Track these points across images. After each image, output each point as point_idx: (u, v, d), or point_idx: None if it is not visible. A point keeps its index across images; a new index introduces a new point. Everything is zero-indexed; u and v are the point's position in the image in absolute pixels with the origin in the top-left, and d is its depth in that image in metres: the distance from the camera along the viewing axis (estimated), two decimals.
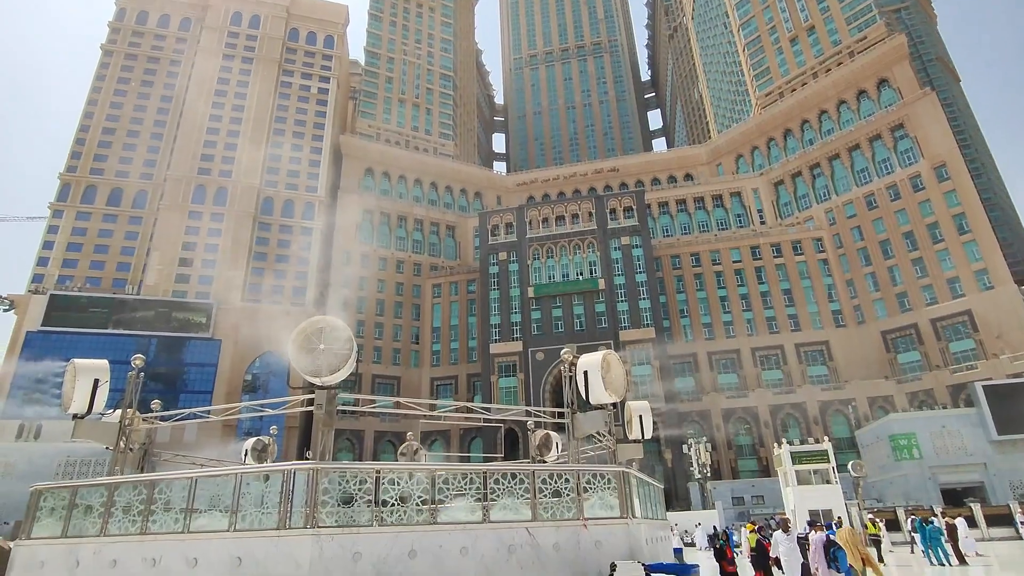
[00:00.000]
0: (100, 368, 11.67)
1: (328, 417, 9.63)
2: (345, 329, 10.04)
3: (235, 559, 8.29)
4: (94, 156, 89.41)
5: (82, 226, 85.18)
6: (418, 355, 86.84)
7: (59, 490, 9.93)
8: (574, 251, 78.42)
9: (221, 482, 9.34)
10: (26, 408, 65.37)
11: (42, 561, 9.31)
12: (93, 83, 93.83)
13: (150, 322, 75.24)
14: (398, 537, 8.69)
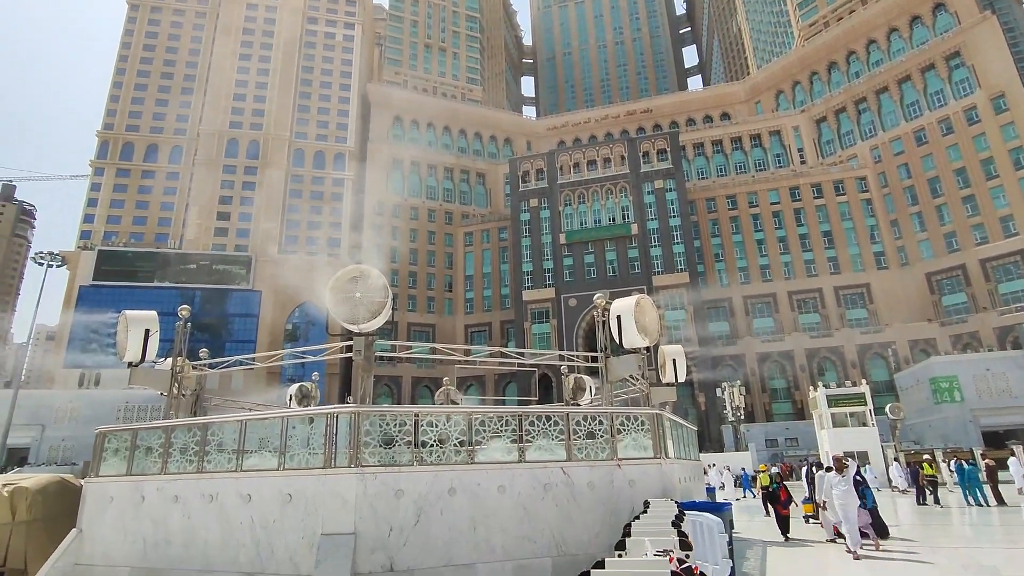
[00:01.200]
0: (150, 319, 12.18)
1: (367, 363, 9.92)
2: (380, 277, 10.20)
3: (286, 495, 8.77)
4: (128, 113, 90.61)
5: (122, 183, 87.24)
6: (452, 303, 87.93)
7: (121, 432, 10.57)
8: (606, 196, 77.17)
9: (269, 425, 9.79)
10: (85, 357, 69.05)
11: (111, 496, 10.00)
12: (122, 39, 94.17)
13: (193, 275, 77.65)
14: (438, 476, 9.04)
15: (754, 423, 64.52)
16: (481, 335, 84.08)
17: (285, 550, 8.58)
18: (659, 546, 5.05)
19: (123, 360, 12.18)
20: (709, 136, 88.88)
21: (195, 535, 9.23)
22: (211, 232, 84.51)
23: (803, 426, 58.58)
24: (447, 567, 8.69)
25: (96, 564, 9.81)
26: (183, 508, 9.43)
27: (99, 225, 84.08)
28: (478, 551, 8.91)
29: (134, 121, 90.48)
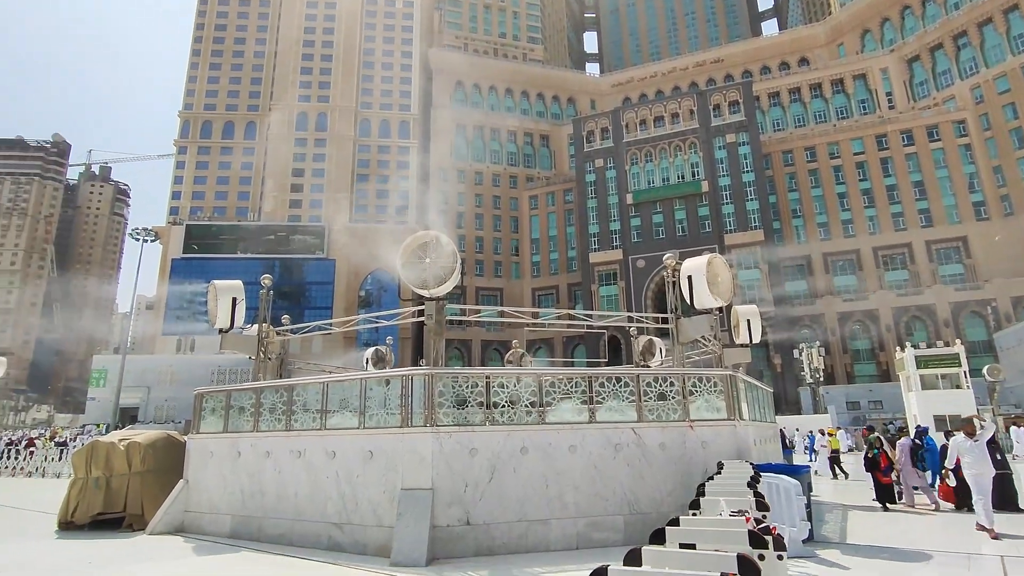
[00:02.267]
0: (236, 288, 12.93)
1: (438, 327, 10.18)
2: (449, 243, 10.36)
3: (367, 452, 9.24)
4: (205, 92, 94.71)
5: (204, 160, 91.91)
6: (519, 267, 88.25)
7: (217, 393, 11.39)
8: (675, 153, 74.54)
9: (348, 386, 10.27)
10: (180, 324, 74.44)
11: (211, 451, 10.86)
12: (195, 20, 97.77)
13: (272, 245, 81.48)
14: (510, 435, 9.26)
15: (834, 385, 62.01)
16: (548, 298, 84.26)
17: (368, 503, 9.08)
18: (734, 506, 5.00)
19: (214, 327, 13.02)
20: (786, 84, 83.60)
21: (286, 488, 9.91)
22: (286, 204, 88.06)
23: (888, 388, 55.76)
24: (521, 522, 8.96)
25: (202, 512, 10.75)
26: (274, 463, 10.13)
27: (185, 201, 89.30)
28: (551, 508, 9.12)
29: (211, 100, 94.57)
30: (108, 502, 10.98)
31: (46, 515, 12.43)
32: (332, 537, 9.22)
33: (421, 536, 8.28)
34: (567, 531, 9.09)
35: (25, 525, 12.13)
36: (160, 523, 10.66)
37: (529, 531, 8.97)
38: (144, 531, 10.67)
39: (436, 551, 8.42)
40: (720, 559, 2.78)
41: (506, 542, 8.86)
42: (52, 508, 12.81)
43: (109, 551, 9.27)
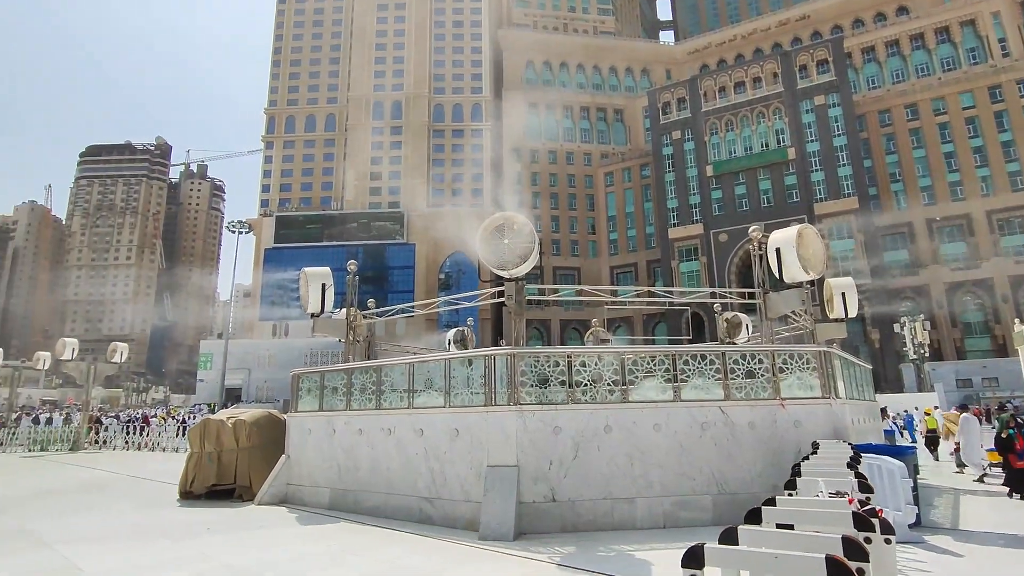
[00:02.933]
0: (325, 274, 13.57)
1: (518, 307, 10.26)
2: (527, 223, 10.38)
3: (453, 430, 9.52)
4: (288, 88, 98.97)
5: (289, 153, 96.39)
6: (596, 245, 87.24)
7: (311, 374, 12.05)
8: (757, 120, 70.84)
9: (433, 367, 10.59)
10: (275, 310, 79.18)
11: (309, 429, 11.54)
12: (275, 19, 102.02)
13: (354, 233, 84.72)
14: (593, 414, 9.25)
15: (942, 361, 57.60)
16: (627, 276, 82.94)
17: (456, 479, 9.38)
18: (834, 487, 4.78)
19: (306, 311, 13.76)
20: (882, 37, 77.07)
21: (378, 463, 10.40)
22: (367, 192, 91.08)
23: (1005, 364, 51.21)
24: (606, 500, 8.98)
25: (303, 485, 11.48)
26: (367, 440, 10.64)
27: (274, 193, 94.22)
28: (636, 486, 9.08)
29: (293, 96, 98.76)
30: (220, 474, 11.94)
31: (169, 485, 13.71)
32: (423, 510, 9.61)
33: (508, 512, 8.47)
34: (653, 510, 9.03)
35: (153, 494, 13.42)
36: (266, 494, 11.49)
37: (614, 509, 8.98)
38: (252, 501, 11.52)
39: (523, 526, 8.59)
40: (823, 541, 2.67)
41: (592, 519, 8.91)
42: (172, 479, 14.10)
43: (224, 518, 10.10)
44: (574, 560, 6.97)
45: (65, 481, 16.56)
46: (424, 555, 7.59)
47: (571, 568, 6.62)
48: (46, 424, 28.94)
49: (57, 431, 28.17)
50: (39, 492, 14.21)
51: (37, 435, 27.84)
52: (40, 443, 27.26)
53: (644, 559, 6.99)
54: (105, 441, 28.09)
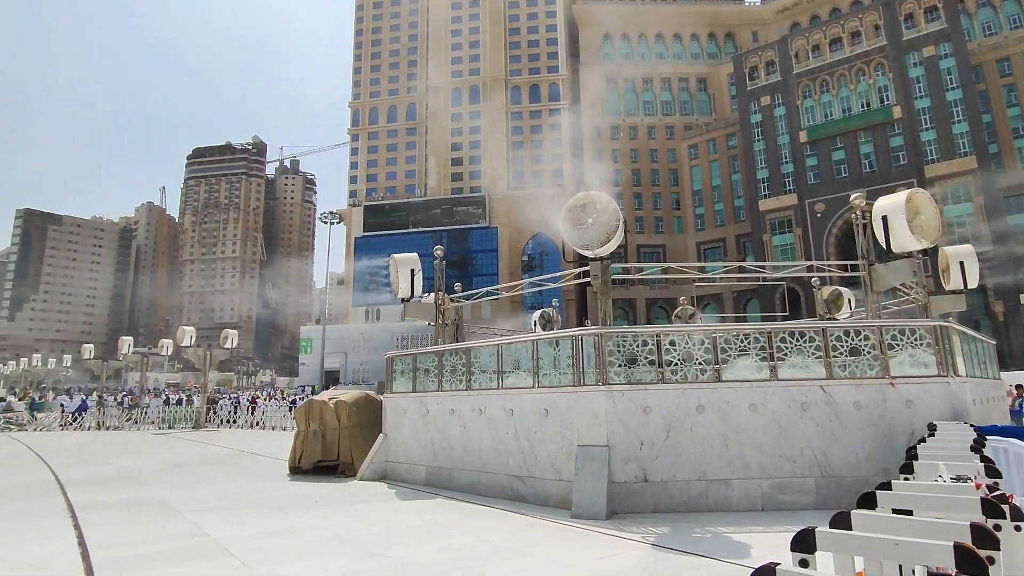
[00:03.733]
0: (413, 260, 14.00)
1: (604, 286, 10.15)
2: (610, 202, 10.21)
3: (542, 410, 9.62)
4: (369, 81, 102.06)
5: (373, 144, 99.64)
6: (681, 221, 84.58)
7: (404, 357, 12.53)
8: (856, 78, 65.63)
9: (519, 348, 10.71)
10: (367, 296, 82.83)
11: (404, 409, 12.03)
12: (355, 14, 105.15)
13: (438, 218, 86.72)
14: (684, 393, 9.05)
15: None
16: (714, 251, 79.96)
17: (547, 458, 9.49)
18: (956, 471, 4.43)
19: (397, 296, 14.27)
20: None
21: (471, 442, 10.70)
22: (448, 178, 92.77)
23: None
24: (700, 480, 8.80)
25: (400, 462, 12.02)
26: (459, 419, 10.96)
27: (361, 184, 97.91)
28: (731, 467, 8.82)
29: (374, 88, 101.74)
30: (325, 451, 12.72)
31: (278, 461, 14.79)
32: (515, 488, 9.80)
33: (600, 491, 8.49)
34: (750, 492, 8.75)
35: (265, 468, 14.52)
36: (367, 471, 12.13)
37: (709, 490, 8.78)
38: (355, 477, 12.21)
39: (614, 506, 8.59)
40: (948, 528, 2.49)
41: (685, 500, 8.76)
42: (281, 455, 15.20)
43: (330, 492, 10.78)
44: (668, 540, 6.90)
45: (189, 456, 18.23)
46: (517, 530, 7.77)
47: (666, 548, 6.56)
48: (175, 404, 31.91)
49: (182, 411, 31.00)
50: (169, 465, 15.74)
51: (165, 414, 30.76)
52: (167, 422, 30.12)
53: (742, 542, 6.81)
54: (221, 420, 30.61)
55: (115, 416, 31.91)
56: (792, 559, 2.34)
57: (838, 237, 63.17)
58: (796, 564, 2.32)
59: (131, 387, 57.32)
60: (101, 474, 14.31)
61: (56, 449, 20.43)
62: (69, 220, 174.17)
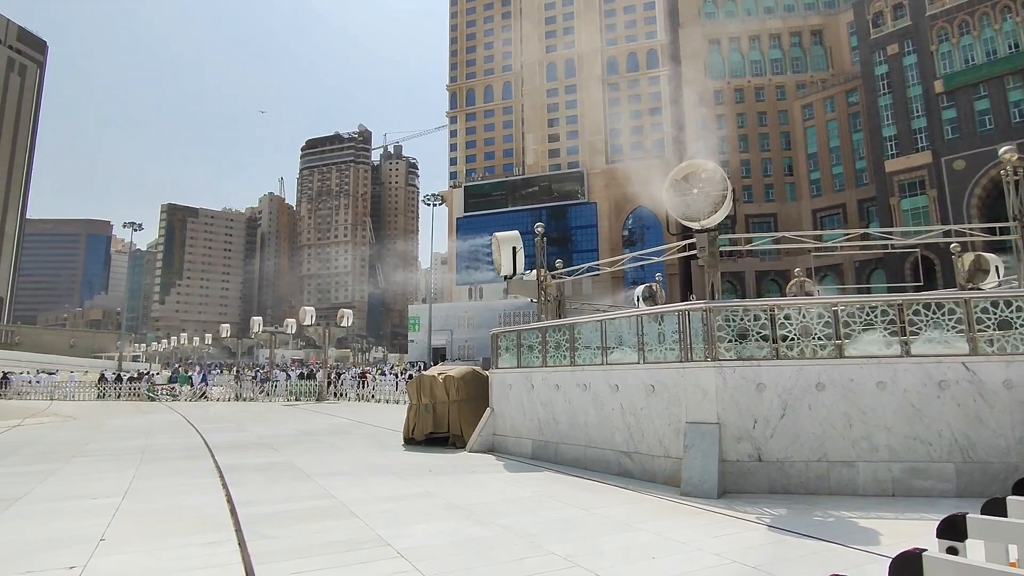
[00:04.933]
0: (515, 238, 14.16)
1: (712, 259, 9.75)
2: (717, 170, 9.74)
3: (649, 386, 9.47)
4: (465, 63, 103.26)
5: (471, 125, 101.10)
6: (794, 187, 79.15)
7: (509, 333, 12.76)
8: (1001, 16, 57.71)
9: (623, 323, 10.57)
10: (469, 274, 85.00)
11: (510, 384, 12.30)
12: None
13: (537, 196, 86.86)
14: (802, 370, 8.55)
15: None
16: (833, 218, 74.22)
17: (654, 434, 9.36)
18: None
19: (500, 274, 14.52)
20: None
21: (576, 417, 10.76)
22: (546, 155, 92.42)
23: None
24: (820, 462, 8.32)
25: (507, 435, 12.34)
26: (564, 395, 11.05)
27: (461, 165, 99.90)
28: (856, 449, 8.26)
29: (470, 69, 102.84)
30: (436, 423, 13.32)
31: (392, 432, 15.68)
32: (621, 464, 9.77)
33: (710, 469, 8.26)
34: (879, 475, 8.15)
35: (381, 438, 15.45)
36: (476, 443, 12.57)
37: (831, 472, 8.28)
38: (464, 449, 12.69)
39: (726, 485, 8.33)
40: None
41: (803, 481, 8.33)
42: (394, 426, 16.11)
43: (441, 462, 11.30)
44: (786, 523, 6.61)
45: (314, 425, 19.76)
46: (624, 505, 7.76)
47: (783, 531, 6.29)
48: (299, 379, 34.65)
49: (306, 384, 33.59)
50: (297, 433, 17.15)
51: (292, 388, 33.48)
52: (294, 394, 32.78)
53: (870, 528, 6.38)
54: (340, 393, 32.85)
55: (249, 389, 35.20)
56: (938, 546, 2.16)
57: (982, 198, 56.45)
58: (943, 551, 2.14)
59: (262, 362, 62.87)
60: (241, 440, 15.89)
61: (203, 417, 22.90)
62: (204, 212, 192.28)
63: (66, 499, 8.55)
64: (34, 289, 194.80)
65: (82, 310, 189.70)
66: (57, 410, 28.06)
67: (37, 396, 36.20)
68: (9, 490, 8.86)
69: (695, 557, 5.40)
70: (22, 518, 7.26)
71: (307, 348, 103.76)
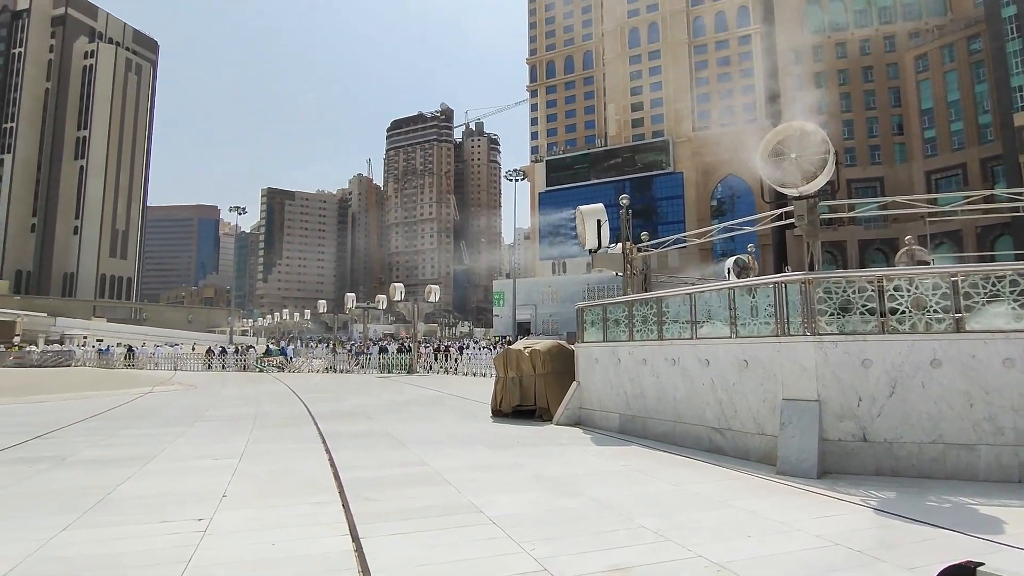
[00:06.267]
0: (599, 211, 13.96)
1: (811, 227, 9.18)
2: (817, 131, 9.10)
3: (741, 361, 9.13)
4: (545, 34, 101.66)
5: (552, 98, 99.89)
6: (904, 148, 72.74)
7: (594, 307, 12.68)
8: None
9: (713, 297, 10.21)
10: (552, 249, 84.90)
11: (596, 358, 12.27)
12: None
13: (620, 168, 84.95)
14: (914, 345, 7.93)
15: None
16: (950, 180, 67.65)
17: (747, 411, 9.04)
18: None
19: (584, 248, 14.39)
20: None
21: (664, 392, 10.57)
22: (629, 124, 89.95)
23: None
24: (935, 444, 7.73)
25: (593, 409, 12.34)
26: (651, 369, 10.87)
27: (542, 139, 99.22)
28: (977, 431, 7.61)
29: (550, 41, 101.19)
30: (523, 396, 13.52)
31: (479, 403, 16.10)
32: (712, 440, 9.53)
33: (809, 448, 7.90)
34: (1004, 460, 7.48)
35: (469, 410, 15.90)
36: (562, 416, 12.66)
37: (947, 455, 7.69)
38: (551, 422, 12.83)
39: (827, 465, 7.94)
40: None
41: (915, 464, 7.78)
42: (481, 398, 16.52)
43: (529, 434, 11.49)
44: (894, 507, 6.22)
45: (406, 396, 20.62)
46: (715, 481, 7.59)
47: (892, 515, 5.93)
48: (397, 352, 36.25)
49: (397, 357, 35.05)
50: (391, 404, 17.98)
51: (384, 361, 35.04)
52: (386, 367, 34.30)
53: (992, 516, 5.89)
54: (429, 366, 34.03)
55: (345, 361, 37.18)
56: None
57: None
58: None
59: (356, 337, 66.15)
60: (340, 409, 16.87)
61: (304, 387, 24.48)
62: (300, 195, 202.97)
63: (192, 459, 9.46)
64: (156, 270, 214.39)
65: (197, 289, 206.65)
66: (181, 380, 30.96)
67: (165, 367, 40.22)
68: (146, 450, 9.92)
69: (794, 538, 5.21)
70: (157, 475, 8.10)
71: (397, 323, 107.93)
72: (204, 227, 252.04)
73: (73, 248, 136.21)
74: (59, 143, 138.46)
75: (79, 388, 25.20)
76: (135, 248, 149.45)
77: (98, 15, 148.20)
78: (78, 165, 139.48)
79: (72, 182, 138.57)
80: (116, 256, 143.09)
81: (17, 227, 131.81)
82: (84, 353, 50.62)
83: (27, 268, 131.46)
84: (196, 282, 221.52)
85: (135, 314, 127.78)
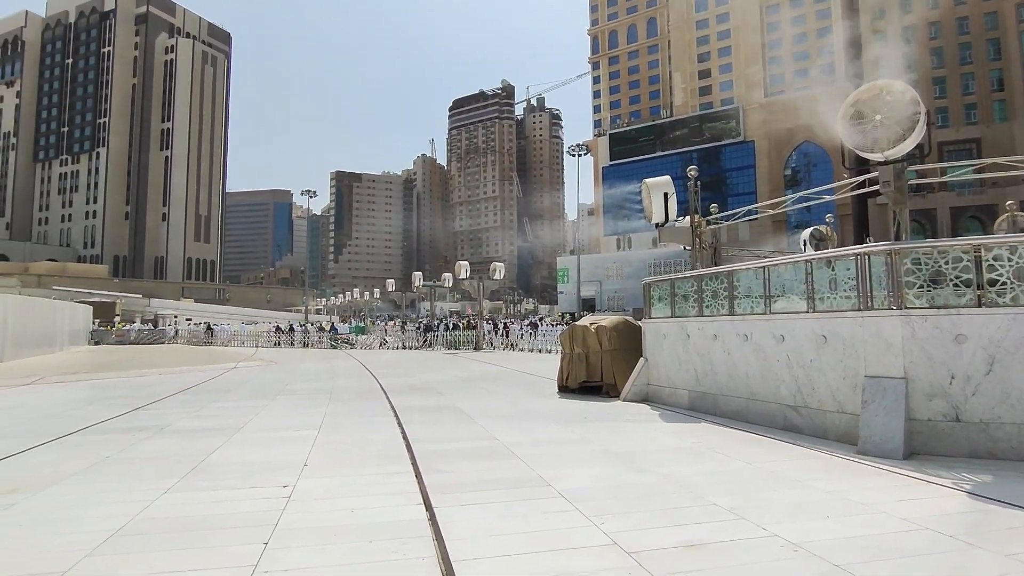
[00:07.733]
0: (666, 183, 13.57)
1: (899, 194, 8.58)
2: (906, 90, 8.43)
3: (820, 336, 8.74)
4: (607, 3, 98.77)
5: (614, 69, 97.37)
6: (1004, 105, 66.68)
7: (662, 282, 12.42)
8: None
9: (788, 270, 9.78)
10: (617, 224, 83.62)
11: (664, 334, 12.06)
12: None
13: (686, 139, 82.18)
14: (1016, 319, 7.35)
15: None
16: None
17: (826, 388, 8.66)
18: None
19: (651, 222, 14.05)
20: None
21: (736, 369, 10.27)
22: (696, 93, 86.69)
23: None
24: None
25: (661, 386, 12.16)
26: (722, 345, 10.58)
27: (605, 112, 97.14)
28: None
29: (612, 9, 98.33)
30: (589, 372, 13.49)
31: (545, 379, 16.19)
32: (787, 418, 9.21)
33: (895, 428, 7.50)
34: None
35: (537, 386, 16.03)
36: (630, 392, 12.56)
37: None
38: (618, 398, 12.76)
39: (914, 446, 7.53)
40: None
41: (1014, 446, 7.26)
42: (547, 374, 16.62)
43: (597, 411, 11.47)
44: (992, 491, 5.83)
45: (473, 372, 21.00)
46: (792, 460, 7.35)
47: (988, 499, 5.56)
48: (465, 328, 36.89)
49: (464, 334, 35.68)
50: (458, 379, 18.36)
51: (452, 337, 35.75)
52: (454, 344, 34.99)
53: None
54: (494, 344, 34.46)
55: (413, 338, 38.18)
56: None
57: None
58: None
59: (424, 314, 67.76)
60: (410, 383, 17.39)
61: (376, 363, 25.36)
62: (367, 177, 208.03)
63: (275, 430, 10.03)
64: (236, 253, 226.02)
65: (274, 269, 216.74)
66: (262, 356, 32.73)
67: (248, 343, 42.67)
68: (234, 420, 10.60)
69: (878, 520, 4.98)
70: (245, 444, 8.64)
71: (463, 301, 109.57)
72: (279, 210, 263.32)
73: (162, 234, 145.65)
74: (146, 136, 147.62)
75: (172, 364, 27.14)
76: (217, 232, 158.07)
77: (176, 11, 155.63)
78: (164, 156, 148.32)
79: (159, 172, 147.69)
80: (200, 240, 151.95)
81: (113, 215, 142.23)
82: (186, 329, 54.51)
83: (123, 253, 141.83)
84: (273, 263, 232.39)
85: (219, 295, 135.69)
